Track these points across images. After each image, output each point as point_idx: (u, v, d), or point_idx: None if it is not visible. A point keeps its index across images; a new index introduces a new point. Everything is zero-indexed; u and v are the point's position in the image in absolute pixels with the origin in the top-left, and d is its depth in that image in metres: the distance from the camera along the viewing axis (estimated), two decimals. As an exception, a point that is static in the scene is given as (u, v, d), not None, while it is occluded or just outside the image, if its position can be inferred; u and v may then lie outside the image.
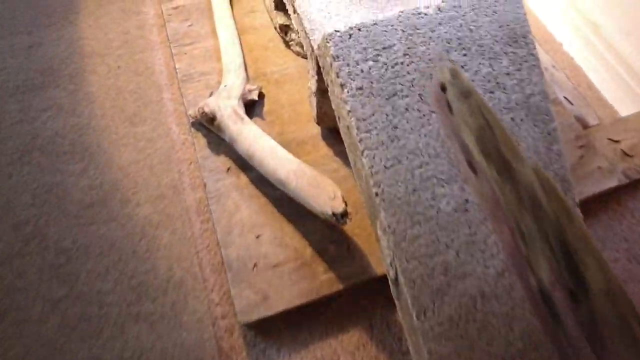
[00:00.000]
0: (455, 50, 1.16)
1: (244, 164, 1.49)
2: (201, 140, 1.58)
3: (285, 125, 1.60)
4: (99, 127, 1.70)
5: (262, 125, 1.61)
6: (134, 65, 1.84)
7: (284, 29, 1.71)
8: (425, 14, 1.15)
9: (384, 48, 1.12)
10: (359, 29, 1.11)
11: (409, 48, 1.13)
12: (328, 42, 1.10)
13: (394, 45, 1.13)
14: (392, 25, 1.13)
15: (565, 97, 1.73)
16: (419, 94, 1.13)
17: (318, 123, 1.53)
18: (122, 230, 1.52)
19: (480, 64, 1.17)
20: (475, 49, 1.17)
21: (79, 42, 1.91)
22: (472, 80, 1.16)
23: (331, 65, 1.11)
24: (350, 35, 1.11)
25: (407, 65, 1.13)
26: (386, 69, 1.12)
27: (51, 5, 2.01)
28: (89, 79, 1.82)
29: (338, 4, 1.35)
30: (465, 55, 1.17)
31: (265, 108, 1.65)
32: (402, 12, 1.13)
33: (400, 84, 1.12)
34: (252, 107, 1.63)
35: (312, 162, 1.57)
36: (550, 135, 1.22)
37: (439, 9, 1.17)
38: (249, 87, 1.59)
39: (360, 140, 1.10)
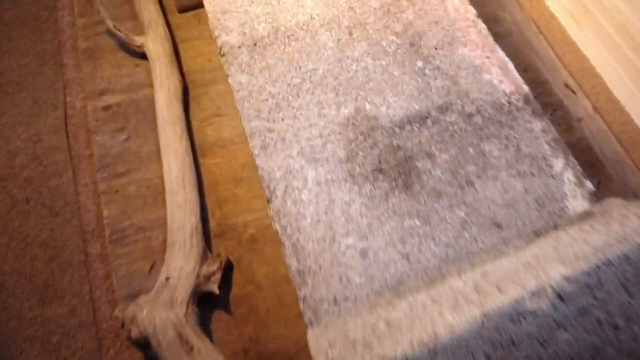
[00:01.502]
0: (588, 379, 0.57)
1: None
2: (136, 355, 0.99)
3: (264, 324, 1.00)
4: (-7, 306, 1.10)
5: (227, 324, 1.02)
6: (48, 198, 1.21)
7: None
8: (534, 312, 0.54)
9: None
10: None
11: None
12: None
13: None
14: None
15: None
16: None
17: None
18: None
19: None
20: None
21: (-30, 157, 1.27)
22: None
23: None
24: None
25: None
26: None
27: None
28: (-18, 221, 1.20)
29: (347, 205, 0.73)
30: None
31: (234, 291, 1.04)
32: (484, 315, 0.52)
33: None
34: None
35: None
36: None
37: (560, 296, 0.56)
38: (206, 269, 0.98)
39: None
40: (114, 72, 1.31)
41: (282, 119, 0.78)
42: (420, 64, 0.82)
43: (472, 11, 0.90)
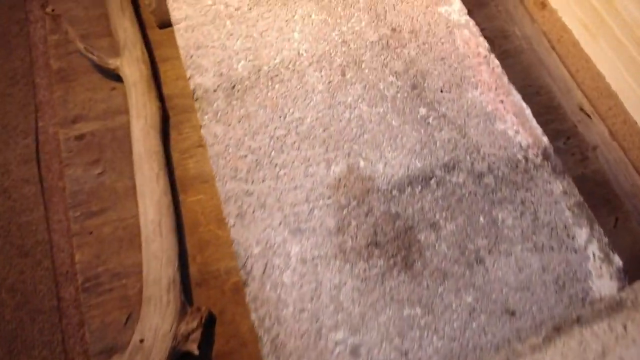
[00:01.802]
0: None
1: None
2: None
3: (249, 384, 0.91)
4: (-43, 358, 1.01)
5: (210, 383, 0.93)
6: (17, 237, 1.11)
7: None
8: None
9: None
10: None
11: None
12: None
13: None
14: None
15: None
16: None
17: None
18: None
19: None
20: None
21: None
22: None
23: None
24: None
25: None
26: None
27: None
28: (-54, 261, 1.10)
29: (337, 289, 0.63)
30: None
31: (217, 347, 0.95)
32: None
33: None
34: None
35: None
36: None
37: None
38: (184, 328, 0.89)
39: None
40: (88, 96, 1.19)
41: (263, 180, 0.67)
42: (423, 111, 0.71)
43: (484, 45, 0.79)
